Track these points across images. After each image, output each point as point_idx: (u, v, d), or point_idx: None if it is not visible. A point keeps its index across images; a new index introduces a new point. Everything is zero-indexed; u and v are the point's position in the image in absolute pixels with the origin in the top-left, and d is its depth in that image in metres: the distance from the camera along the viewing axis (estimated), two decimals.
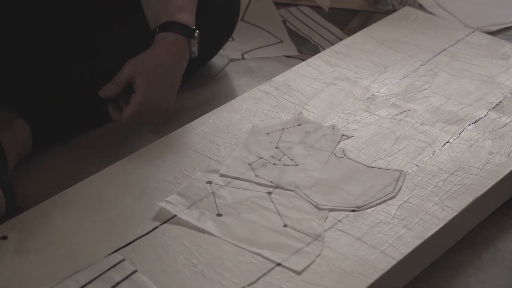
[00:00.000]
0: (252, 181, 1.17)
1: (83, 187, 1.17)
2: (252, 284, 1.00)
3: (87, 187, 1.17)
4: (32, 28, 1.31)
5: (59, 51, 1.32)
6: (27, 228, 1.10)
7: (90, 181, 1.18)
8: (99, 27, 1.37)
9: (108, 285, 1.00)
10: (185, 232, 1.08)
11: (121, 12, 1.39)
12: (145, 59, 1.27)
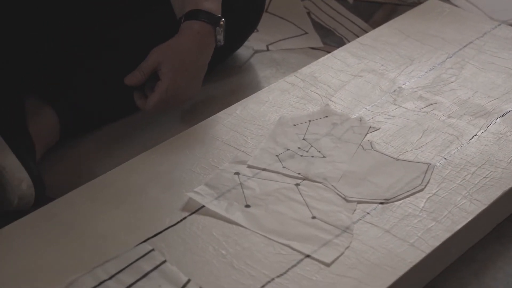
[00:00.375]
0: (280, 172, 1.17)
1: (110, 177, 1.17)
2: (282, 276, 1.00)
3: (114, 177, 1.17)
4: (59, 16, 1.31)
5: (86, 39, 1.32)
6: (55, 218, 1.10)
7: (117, 171, 1.18)
8: (125, 15, 1.37)
9: (138, 275, 1.00)
10: (213, 222, 1.08)
11: (146, 0, 1.39)
12: (170, 47, 1.27)
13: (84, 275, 1.00)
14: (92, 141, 1.32)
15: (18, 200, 1.12)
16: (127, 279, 0.99)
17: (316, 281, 0.99)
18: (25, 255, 1.04)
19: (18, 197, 1.12)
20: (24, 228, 1.08)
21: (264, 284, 0.98)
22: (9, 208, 1.14)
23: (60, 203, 1.13)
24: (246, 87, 1.46)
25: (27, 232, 1.08)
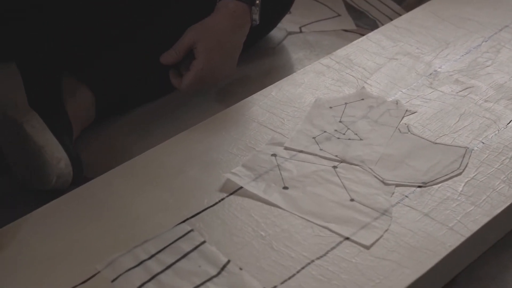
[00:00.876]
0: (317, 154, 1.17)
1: (147, 158, 1.17)
2: (321, 258, 1.00)
3: (151, 157, 1.17)
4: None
5: (122, 20, 1.32)
6: (93, 198, 1.10)
7: (154, 152, 1.19)
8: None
9: (178, 255, 1.00)
10: (251, 204, 1.08)
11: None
12: (206, 26, 1.27)
13: (124, 254, 1.00)
14: (128, 121, 1.32)
15: (56, 179, 1.13)
16: (167, 259, 0.99)
17: (355, 263, 0.99)
18: (64, 234, 1.04)
19: (56, 176, 1.12)
20: (63, 207, 1.09)
21: (304, 266, 0.98)
22: (47, 186, 1.14)
23: (98, 183, 1.13)
24: (280, 69, 1.46)
25: (65, 211, 1.08)
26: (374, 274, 0.97)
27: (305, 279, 0.96)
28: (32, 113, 1.16)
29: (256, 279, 0.96)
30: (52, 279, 0.97)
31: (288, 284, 0.96)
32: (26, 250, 1.01)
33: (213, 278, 0.97)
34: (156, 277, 0.97)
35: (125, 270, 0.98)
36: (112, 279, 0.96)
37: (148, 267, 0.98)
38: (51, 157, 1.12)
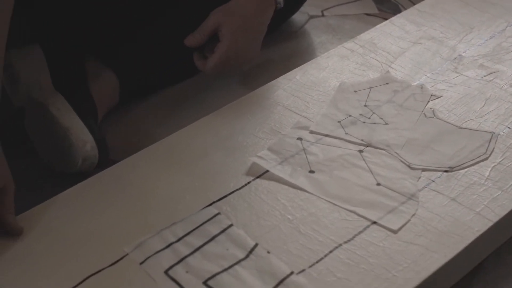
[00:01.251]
0: (343, 138, 1.16)
1: (172, 140, 1.17)
2: (349, 242, 0.99)
3: (176, 140, 1.17)
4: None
5: (146, 2, 1.32)
6: (119, 180, 1.10)
7: (179, 135, 1.18)
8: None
9: (205, 238, 1.00)
10: (278, 187, 1.08)
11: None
12: (230, 8, 1.27)
13: (152, 237, 1.00)
14: (151, 105, 1.32)
15: (82, 161, 1.13)
16: (195, 242, 0.99)
17: (383, 247, 0.98)
18: (91, 217, 1.04)
19: (82, 158, 1.12)
20: (89, 189, 1.09)
21: (331, 250, 0.98)
22: (72, 169, 1.14)
23: (123, 165, 1.13)
24: (302, 52, 1.45)
25: (91, 194, 1.08)
26: (402, 258, 0.97)
27: (333, 262, 0.96)
28: (57, 95, 1.16)
29: (284, 263, 0.96)
30: (81, 261, 0.97)
31: (316, 268, 0.95)
32: (52, 233, 1.01)
33: (241, 261, 0.97)
34: (185, 260, 0.97)
35: (153, 253, 0.98)
36: (141, 262, 0.97)
37: (176, 249, 0.98)
38: (77, 139, 1.12)
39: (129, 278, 0.94)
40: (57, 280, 0.94)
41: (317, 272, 0.95)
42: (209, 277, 0.94)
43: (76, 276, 0.95)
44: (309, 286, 0.93)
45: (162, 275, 0.95)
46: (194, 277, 0.94)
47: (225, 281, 0.94)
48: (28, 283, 0.94)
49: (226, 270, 0.95)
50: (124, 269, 0.96)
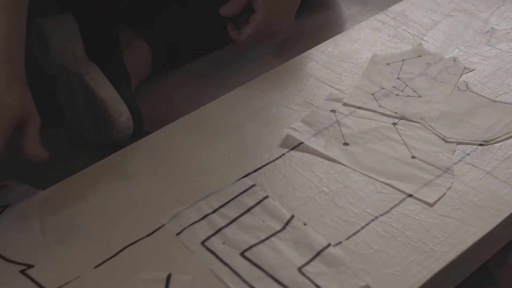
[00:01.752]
0: (376, 111, 1.16)
1: (206, 111, 1.17)
2: (385, 214, 0.99)
3: (210, 111, 1.17)
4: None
5: None
6: (154, 151, 1.10)
7: (213, 106, 1.18)
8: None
9: (241, 210, 1.00)
10: (312, 159, 1.08)
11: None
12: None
13: (188, 208, 1.00)
14: (184, 75, 1.32)
15: (117, 132, 1.13)
16: (231, 213, 0.99)
17: (420, 220, 0.98)
18: (127, 187, 1.04)
19: (117, 129, 1.12)
20: (124, 160, 1.09)
21: (368, 222, 0.98)
22: (107, 140, 1.14)
23: (158, 136, 1.13)
24: (333, 24, 1.45)
25: (127, 164, 1.08)
26: (438, 231, 0.97)
27: (369, 235, 0.96)
28: (91, 65, 1.16)
29: (320, 235, 0.96)
30: (117, 232, 0.97)
31: (353, 240, 0.95)
32: (88, 204, 1.02)
33: (278, 233, 0.97)
34: (221, 231, 0.97)
35: (189, 224, 0.98)
36: (177, 233, 0.97)
37: (212, 221, 0.98)
38: (113, 110, 1.12)
39: (166, 249, 0.94)
40: (94, 251, 0.94)
41: (354, 245, 0.95)
42: (245, 249, 0.94)
43: (113, 246, 0.95)
44: (346, 258, 0.92)
45: (198, 246, 0.95)
46: (231, 248, 0.94)
47: (262, 253, 0.94)
48: (65, 254, 0.94)
49: (262, 241, 0.95)
50: (160, 239, 0.96)
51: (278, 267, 0.92)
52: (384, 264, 0.92)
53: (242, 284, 0.90)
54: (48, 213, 1.00)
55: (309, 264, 0.92)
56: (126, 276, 0.91)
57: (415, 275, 0.91)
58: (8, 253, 0.95)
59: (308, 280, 0.90)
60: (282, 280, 0.90)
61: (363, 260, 0.93)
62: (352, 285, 0.90)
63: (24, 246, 0.96)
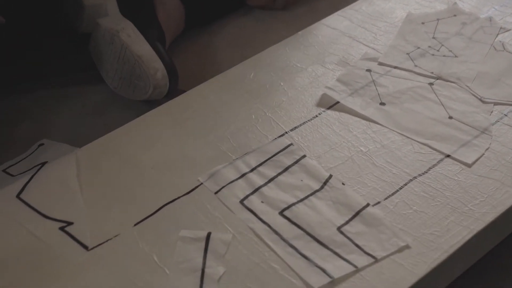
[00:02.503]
0: (412, 71, 1.15)
1: (241, 70, 1.17)
2: (423, 175, 0.99)
3: (245, 70, 1.17)
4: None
5: None
6: (190, 109, 1.10)
7: (246, 64, 1.18)
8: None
9: (279, 169, 1.00)
10: (349, 119, 1.07)
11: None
12: None
13: (226, 166, 1.00)
14: (217, 33, 1.31)
15: (152, 89, 1.12)
16: (269, 172, 0.99)
17: (458, 181, 0.98)
18: (165, 145, 1.04)
19: (153, 86, 1.12)
20: (160, 117, 1.09)
21: (406, 182, 0.98)
22: (142, 97, 1.14)
23: (193, 94, 1.12)
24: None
25: (163, 122, 1.08)
26: (477, 192, 0.96)
27: (408, 195, 0.96)
28: (126, 22, 1.15)
29: (359, 194, 0.96)
30: (155, 190, 0.97)
31: (391, 200, 0.95)
32: (124, 162, 1.01)
33: (316, 192, 0.96)
34: (259, 190, 0.97)
35: (227, 183, 0.98)
36: (215, 191, 0.97)
37: (250, 179, 0.98)
38: (148, 67, 1.11)
39: (204, 207, 0.94)
40: (133, 208, 0.94)
41: (393, 205, 0.94)
42: (284, 208, 0.94)
43: (152, 205, 0.95)
44: (385, 218, 0.92)
45: (237, 205, 0.95)
46: (270, 207, 0.94)
47: (301, 212, 0.94)
48: (104, 212, 0.94)
49: (301, 201, 0.95)
50: (199, 198, 0.96)
51: (317, 226, 0.92)
52: (424, 224, 0.92)
53: (282, 242, 0.90)
54: (85, 171, 1.01)
55: (348, 223, 0.92)
56: (165, 234, 0.91)
57: (454, 235, 0.91)
58: (47, 210, 0.95)
59: (347, 240, 0.90)
60: (321, 239, 0.90)
61: (402, 220, 0.93)
62: (391, 245, 0.89)
63: (62, 204, 0.96)
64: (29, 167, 1.03)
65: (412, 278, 0.86)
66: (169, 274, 0.86)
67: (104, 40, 1.16)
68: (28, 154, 1.06)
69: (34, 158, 1.04)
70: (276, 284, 0.85)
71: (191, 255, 0.89)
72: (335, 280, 0.85)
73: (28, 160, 1.04)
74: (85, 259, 0.89)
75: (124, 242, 0.91)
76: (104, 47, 1.16)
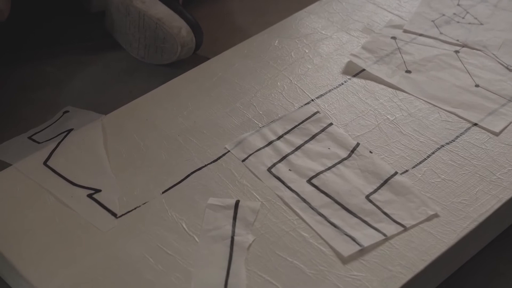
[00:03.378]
0: (438, 38, 1.14)
1: (265, 37, 1.16)
2: (451, 143, 0.99)
3: (269, 37, 1.16)
4: None
5: None
6: (215, 77, 1.09)
7: (271, 31, 1.17)
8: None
9: (306, 137, 1.00)
10: (375, 87, 1.07)
11: None
12: None
13: (253, 134, 1.00)
14: None
15: (180, 48, 1.12)
16: (296, 140, 0.99)
17: (486, 149, 0.98)
18: (191, 112, 1.04)
19: (180, 44, 1.11)
20: (185, 84, 1.08)
21: (434, 151, 0.97)
22: (172, 58, 1.14)
23: (218, 61, 1.12)
24: None
25: (188, 89, 1.07)
26: (505, 160, 0.96)
27: (436, 164, 0.96)
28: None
29: (387, 163, 0.95)
30: (182, 158, 0.97)
31: (419, 169, 0.95)
32: (150, 129, 1.01)
33: (344, 160, 0.96)
34: (286, 158, 0.97)
35: (254, 150, 0.98)
36: (243, 159, 0.96)
37: (277, 147, 0.98)
38: (171, 27, 1.10)
39: (232, 175, 0.94)
40: (160, 176, 0.94)
41: (421, 173, 0.94)
42: (312, 176, 0.94)
43: (179, 172, 0.95)
44: (414, 187, 0.92)
45: (265, 173, 0.95)
46: (297, 175, 0.94)
47: (329, 180, 0.94)
48: (132, 179, 0.94)
49: (329, 169, 0.95)
50: (226, 166, 0.96)
51: (345, 194, 0.92)
52: (452, 193, 0.92)
53: (310, 210, 0.90)
54: (112, 138, 1.00)
55: (376, 192, 0.92)
56: (193, 201, 0.91)
57: (483, 204, 0.91)
58: (74, 177, 0.95)
59: (376, 208, 0.90)
60: (350, 207, 0.90)
61: (430, 188, 0.93)
62: (420, 213, 0.89)
63: (90, 171, 0.96)
64: (55, 134, 1.02)
65: (441, 246, 0.86)
66: (199, 242, 0.86)
67: (119, 14, 1.15)
68: (53, 121, 1.06)
69: (60, 125, 1.04)
70: (305, 252, 0.85)
71: (220, 223, 0.89)
72: (364, 248, 0.85)
73: (53, 127, 1.04)
74: (114, 227, 0.89)
75: (153, 209, 0.91)
76: (121, 20, 1.15)
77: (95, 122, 1.02)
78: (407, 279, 0.82)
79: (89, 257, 0.85)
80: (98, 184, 0.94)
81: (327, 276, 0.82)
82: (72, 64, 1.18)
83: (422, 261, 0.84)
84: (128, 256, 0.85)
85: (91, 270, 0.83)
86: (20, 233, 0.87)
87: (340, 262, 0.84)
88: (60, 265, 0.84)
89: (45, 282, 0.82)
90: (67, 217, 0.90)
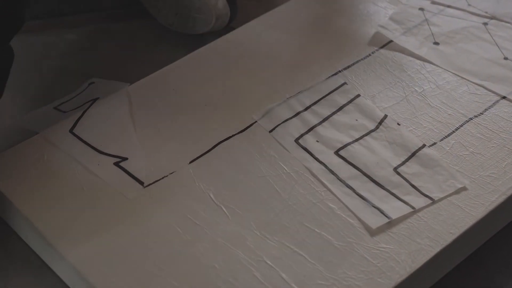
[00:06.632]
0: (466, 10, 1.14)
1: (293, 6, 1.15)
2: (479, 116, 0.98)
3: (296, 6, 1.15)
4: None
5: None
6: (242, 47, 1.09)
7: (295, 2, 1.16)
8: None
9: (333, 108, 0.99)
10: (403, 58, 1.06)
11: None
12: None
13: (280, 105, 0.99)
14: None
15: (215, 19, 1.11)
16: (323, 111, 0.98)
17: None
18: (217, 82, 1.03)
19: (215, 16, 1.11)
20: (213, 55, 1.08)
21: (462, 124, 0.97)
22: (204, 29, 1.13)
23: (244, 31, 1.11)
24: None
25: (215, 59, 1.07)
26: None
27: (464, 136, 0.95)
28: None
29: (415, 135, 0.95)
30: (210, 128, 0.96)
31: (447, 142, 0.95)
32: (178, 98, 1.00)
33: (372, 132, 0.96)
34: (314, 129, 0.96)
35: (282, 121, 0.97)
36: (270, 130, 0.96)
37: (304, 118, 0.97)
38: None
39: (259, 146, 0.94)
40: (188, 146, 0.94)
41: (449, 146, 0.94)
42: (340, 147, 0.94)
43: (207, 142, 0.95)
44: (442, 159, 0.92)
45: (292, 144, 0.94)
46: (325, 146, 0.94)
47: (357, 151, 0.93)
48: (159, 149, 0.94)
49: (357, 140, 0.95)
50: (253, 136, 0.96)
51: (373, 166, 0.91)
52: (481, 166, 0.92)
53: (338, 182, 0.90)
54: (138, 107, 1.00)
55: (404, 164, 0.92)
56: (221, 172, 0.91)
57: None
58: (100, 145, 0.95)
59: (404, 180, 0.90)
60: (378, 179, 0.90)
61: (458, 161, 0.92)
62: (449, 186, 0.89)
63: (116, 139, 0.96)
64: (80, 103, 1.02)
65: (470, 220, 0.85)
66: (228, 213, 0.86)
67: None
68: (78, 92, 1.05)
69: (85, 95, 1.04)
70: (333, 224, 0.85)
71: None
72: (392, 221, 0.85)
73: (79, 98, 1.04)
74: (141, 196, 0.89)
75: (180, 179, 0.91)
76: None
77: (121, 91, 1.02)
78: (435, 252, 0.82)
79: (116, 226, 0.85)
80: (125, 152, 0.94)
81: (355, 248, 0.82)
82: (97, 33, 1.17)
83: (450, 234, 0.84)
84: (156, 225, 0.85)
85: (119, 239, 0.83)
86: (48, 201, 0.87)
87: (368, 234, 0.84)
88: (88, 234, 0.84)
89: (72, 250, 0.82)
90: (94, 185, 0.90)
